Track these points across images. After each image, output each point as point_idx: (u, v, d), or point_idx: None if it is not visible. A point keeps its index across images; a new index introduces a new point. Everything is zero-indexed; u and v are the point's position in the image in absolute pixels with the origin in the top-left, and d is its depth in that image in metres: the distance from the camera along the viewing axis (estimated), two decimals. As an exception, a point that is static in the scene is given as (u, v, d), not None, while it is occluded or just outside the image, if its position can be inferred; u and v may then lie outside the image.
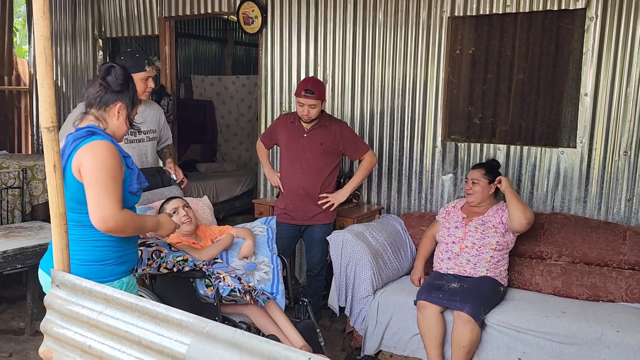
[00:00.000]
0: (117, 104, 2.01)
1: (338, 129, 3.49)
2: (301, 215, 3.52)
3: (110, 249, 1.94)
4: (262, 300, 2.66)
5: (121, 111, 2.02)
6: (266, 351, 1.24)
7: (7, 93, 7.00)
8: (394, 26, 3.95)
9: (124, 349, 1.52)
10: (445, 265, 3.21)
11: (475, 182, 3.26)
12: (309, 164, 3.47)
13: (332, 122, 3.52)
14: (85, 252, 1.90)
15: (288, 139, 3.53)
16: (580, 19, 3.37)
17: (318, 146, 3.45)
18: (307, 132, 3.46)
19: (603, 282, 3.12)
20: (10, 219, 4.56)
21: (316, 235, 3.54)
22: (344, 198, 3.54)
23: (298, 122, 3.48)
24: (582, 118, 3.41)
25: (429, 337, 2.93)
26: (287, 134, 3.53)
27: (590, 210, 3.45)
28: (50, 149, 1.60)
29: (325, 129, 3.47)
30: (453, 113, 3.88)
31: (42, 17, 1.54)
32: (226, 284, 2.53)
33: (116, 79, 2.00)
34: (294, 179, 3.50)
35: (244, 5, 4.51)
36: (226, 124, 7.47)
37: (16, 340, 3.48)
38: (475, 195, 3.26)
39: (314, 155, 3.46)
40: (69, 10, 6.07)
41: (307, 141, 3.46)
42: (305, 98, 3.31)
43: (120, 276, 1.98)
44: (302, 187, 3.48)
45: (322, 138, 3.45)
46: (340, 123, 3.59)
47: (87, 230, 1.88)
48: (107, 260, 1.93)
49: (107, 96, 2.00)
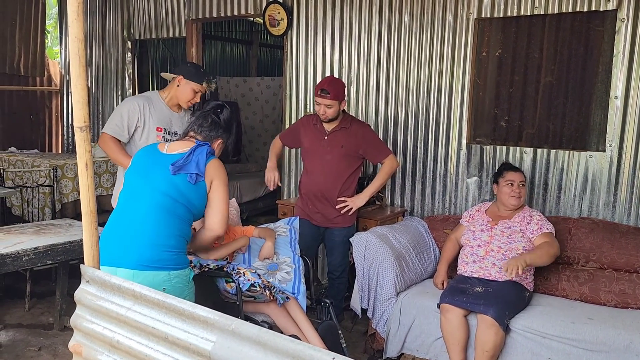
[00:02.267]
0: (219, 140, 2.41)
1: (360, 131, 3.46)
2: (320, 218, 3.50)
3: (184, 240, 2.25)
4: (281, 298, 2.68)
5: (219, 146, 2.42)
6: (290, 350, 1.25)
7: (39, 93, 7.18)
8: (419, 28, 3.94)
9: (151, 344, 1.55)
10: (470, 268, 3.18)
11: (523, 185, 3.23)
12: (329, 166, 3.43)
13: (353, 123, 3.48)
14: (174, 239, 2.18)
15: (310, 140, 3.51)
16: (611, 21, 3.31)
17: (338, 148, 3.41)
18: (328, 134, 3.43)
19: (632, 289, 3.05)
20: (40, 216, 4.68)
21: (336, 238, 3.52)
22: (362, 203, 3.50)
23: (320, 124, 3.45)
24: (612, 121, 3.35)
25: (452, 340, 2.91)
26: (309, 135, 3.51)
27: (620, 215, 3.38)
28: (83, 148, 1.64)
29: (347, 131, 3.43)
30: (479, 115, 3.84)
31: (77, 19, 1.58)
32: (246, 278, 2.57)
33: (225, 118, 2.42)
34: (314, 181, 3.48)
35: (270, 7, 4.55)
36: (250, 125, 7.54)
37: (45, 334, 3.56)
38: (522, 198, 3.22)
39: (334, 158, 3.42)
40: (99, 13, 6.20)
41: (328, 143, 3.43)
42: (322, 98, 3.29)
43: (189, 264, 2.28)
44: (321, 189, 3.46)
45: (343, 140, 3.42)
46: (363, 125, 3.55)
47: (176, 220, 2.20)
48: (182, 249, 2.23)
49: (216, 131, 2.38)
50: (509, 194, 3.20)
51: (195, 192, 2.21)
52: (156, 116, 3.15)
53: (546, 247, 3.03)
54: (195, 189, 2.20)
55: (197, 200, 2.23)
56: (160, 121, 3.15)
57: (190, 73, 3.18)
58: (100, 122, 6.29)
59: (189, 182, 2.18)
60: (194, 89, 3.15)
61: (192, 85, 3.15)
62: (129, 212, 2.21)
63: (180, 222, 2.21)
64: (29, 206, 4.71)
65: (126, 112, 3.12)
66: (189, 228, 2.27)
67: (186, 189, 2.19)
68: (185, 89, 3.16)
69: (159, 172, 2.23)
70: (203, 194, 2.23)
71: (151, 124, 3.13)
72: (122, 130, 3.11)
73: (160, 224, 2.16)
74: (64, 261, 3.41)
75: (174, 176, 2.19)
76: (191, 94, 3.17)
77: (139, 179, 2.26)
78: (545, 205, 3.60)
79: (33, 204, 4.69)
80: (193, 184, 2.18)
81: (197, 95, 3.20)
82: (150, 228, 2.15)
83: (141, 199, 2.21)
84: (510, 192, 3.20)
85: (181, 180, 2.19)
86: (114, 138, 3.10)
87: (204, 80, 3.17)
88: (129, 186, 2.28)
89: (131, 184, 2.28)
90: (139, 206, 2.20)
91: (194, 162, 2.20)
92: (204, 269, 2.58)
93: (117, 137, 3.10)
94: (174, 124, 3.25)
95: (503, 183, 3.24)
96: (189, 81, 3.14)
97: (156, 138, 3.16)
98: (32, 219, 4.63)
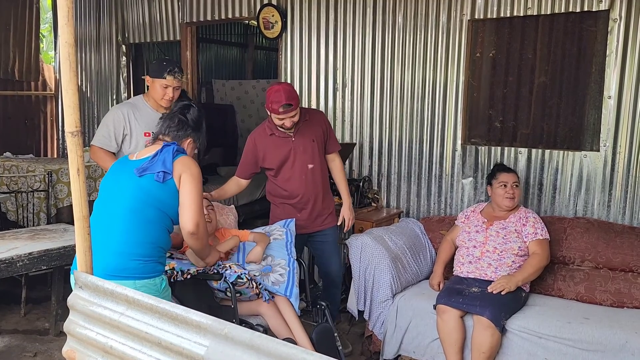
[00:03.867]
0: (188, 139, 2.36)
1: (320, 118, 3.26)
2: (311, 223, 3.26)
3: (155, 247, 2.16)
4: (267, 295, 2.69)
5: (189, 145, 2.37)
6: (284, 354, 1.25)
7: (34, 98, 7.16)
8: (413, 30, 3.95)
9: (144, 349, 1.54)
10: (466, 269, 3.18)
11: (517, 185, 3.23)
12: (310, 167, 3.18)
13: (311, 114, 3.25)
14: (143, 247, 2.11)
15: (277, 152, 3.14)
16: (604, 21, 3.32)
17: (311, 143, 3.15)
18: (295, 135, 3.14)
19: (628, 288, 3.06)
20: (35, 222, 4.66)
21: (329, 239, 3.33)
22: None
23: (278, 131, 3.13)
24: (606, 121, 3.35)
25: (448, 341, 2.91)
26: (273, 148, 3.15)
27: (614, 215, 3.39)
28: (75, 153, 1.63)
29: (309, 122, 3.17)
30: (473, 116, 3.85)
31: (67, 24, 1.58)
32: (232, 270, 2.58)
33: (193, 117, 2.38)
34: (299, 188, 3.18)
35: (264, 10, 4.55)
36: (247, 128, 7.53)
37: (41, 340, 3.55)
38: (516, 199, 3.22)
39: (311, 155, 3.16)
40: (93, 17, 6.19)
41: (299, 143, 3.14)
42: (286, 113, 2.97)
43: (160, 273, 2.18)
44: (311, 193, 3.20)
45: (311, 133, 3.16)
46: (318, 112, 3.40)
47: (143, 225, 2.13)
48: (151, 256, 2.14)
49: (183, 131, 2.34)
50: (502, 196, 3.21)
51: (165, 191, 2.13)
52: (143, 121, 3.12)
53: (537, 262, 3.06)
54: (165, 187, 2.12)
55: (169, 199, 2.14)
56: (147, 126, 3.07)
57: (153, 70, 3.11)
58: (95, 126, 6.27)
59: (156, 181, 2.10)
60: (161, 85, 3.07)
61: (158, 81, 3.07)
62: (99, 220, 2.16)
63: (153, 227, 2.14)
64: (24, 211, 4.69)
65: (111, 122, 3.10)
66: (163, 234, 2.19)
67: (154, 189, 2.12)
68: (154, 87, 3.11)
69: (126, 177, 2.17)
70: (174, 192, 2.14)
71: (138, 130, 3.08)
72: (109, 141, 3.10)
73: (128, 231, 2.10)
74: (59, 266, 3.40)
75: (141, 178, 2.13)
76: (161, 91, 3.08)
77: (108, 188, 2.22)
78: (541, 205, 3.61)
79: (28, 209, 4.67)
80: (161, 182, 2.10)
81: (169, 90, 3.08)
82: (117, 236, 2.10)
83: (110, 207, 2.16)
84: (504, 194, 3.20)
85: (148, 180, 2.12)
86: (103, 149, 3.09)
87: (165, 73, 3.05)
88: (100, 195, 2.25)
89: (101, 193, 2.24)
90: (107, 214, 2.15)
91: (160, 161, 2.13)
92: (185, 276, 2.57)
93: (105, 148, 3.09)
94: None
95: (496, 185, 3.25)
96: (154, 79, 3.09)
97: (145, 143, 3.13)
98: (27, 224, 4.61)
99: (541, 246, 3.10)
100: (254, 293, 2.66)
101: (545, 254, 3.09)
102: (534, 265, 3.04)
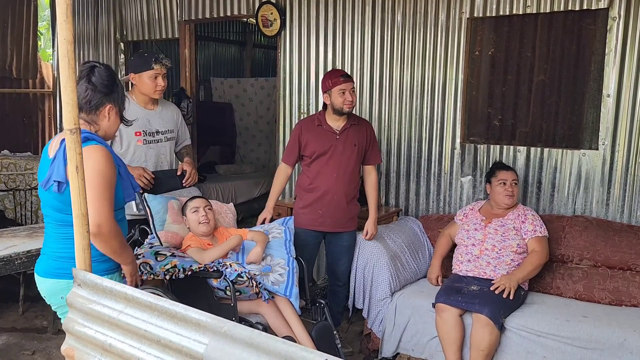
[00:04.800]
0: (106, 106, 2.01)
1: (368, 128, 3.32)
2: (331, 223, 3.26)
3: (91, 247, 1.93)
4: (266, 294, 2.69)
5: (111, 112, 2.03)
6: (283, 351, 1.25)
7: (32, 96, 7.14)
8: (412, 28, 3.94)
9: (143, 347, 1.53)
10: (465, 267, 3.18)
11: (516, 183, 3.23)
12: (344, 167, 3.21)
13: (360, 120, 3.34)
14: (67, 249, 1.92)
15: (319, 143, 3.21)
16: (603, 19, 3.32)
17: (352, 147, 3.21)
18: (340, 133, 3.20)
19: (626, 286, 3.06)
20: (34, 220, 4.66)
21: (345, 242, 3.34)
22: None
23: (326, 124, 3.22)
24: (605, 120, 3.36)
25: (447, 340, 2.91)
26: (317, 138, 3.22)
27: (613, 213, 3.39)
28: (73, 150, 1.62)
29: (357, 127, 3.24)
30: (472, 115, 3.85)
31: (65, 21, 1.57)
32: (233, 269, 2.57)
33: (101, 80, 1.98)
34: (327, 185, 3.22)
35: (263, 8, 4.54)
36: (245, 126, 7.52)
37: (39, 338, 3.54)
38: (515, 197, 3.22)
39: (348, 158, 3.21)
40: (91, 14, 6.17)
41: (341, 143, 3.20)
42: (346, 83, 3.10)
43: (112, 271, 2.04)
44: (337, 192, 3.22)
45: (355, 138, 3.22)
46: (368, 122, 3.43)
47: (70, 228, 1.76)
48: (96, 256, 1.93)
49: (95, 100, 1.98)
50: (502, 194, 3.21)
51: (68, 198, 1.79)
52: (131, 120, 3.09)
53: (536, 259, 3.06)
54: (65, 195, 1.85)
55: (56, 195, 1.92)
56: (136, 125, 3.01)
57: (136, 65, 3.08)
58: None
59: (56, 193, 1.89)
60: (150, 77, 3.05)
61: (146, 74, 3.04)
62: None
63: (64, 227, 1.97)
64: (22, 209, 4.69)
65: None
66: None
67: (60, 200, 1.91)
68: (142, 82, 3.08)
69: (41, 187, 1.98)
70: None
71: (128, 131, 3.02)
72: None
73: (57, 236, 1.99)
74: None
75: (46, 192, 1.94)
76: (151, 83, 3.06)
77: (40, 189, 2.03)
78: (539, 203, 3.61)
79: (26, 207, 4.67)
80: (60, 193, 1.89)
81: (159, 80, 3.07)
82: (52, 239, 2.03)
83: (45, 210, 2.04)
84: (503, 192, 3.20)
85: (51, 194, 1.92)
86: None
87: (152, 63, 3.03)
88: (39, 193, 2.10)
89: None
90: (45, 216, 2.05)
91: (55, 168, 1.89)
92: (187, 273, 2.57)
93: None
94: (153, 122, 3.18)
95: (495, 183, 3.25)
96: (140, 73, 3.06)
97: (137, 143, 3.11)
98: (25, 222, 4.61)
99: (540, 243, 3.10)
100: (254, 292, 2.66)
101: (544, 251, 3.09)
102: (533, 263, 3.05)
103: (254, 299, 2.72)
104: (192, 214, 2.88)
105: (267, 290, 2.73)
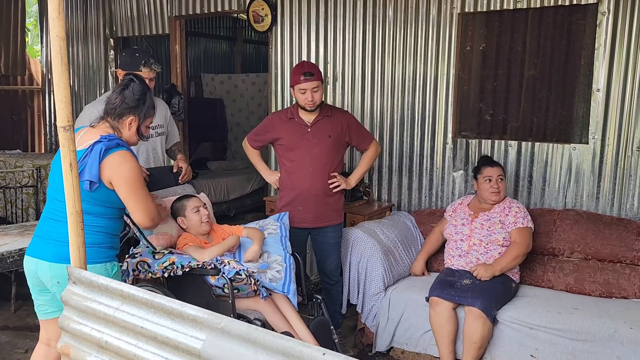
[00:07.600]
0: (129, 117, 2.24)
1: (343, 118, 3.25)
2: (312, 218, 3.23)
3: (107, 235, 2.20)
4: (264, 291, 2.69)
5: (132, 123, 2.25)
6: (281, 347, 1.25)
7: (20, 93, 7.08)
8: (403, 23, 3.95)
9: (140, 344, 1.53)
10: (457, 262, 3.21)
11: (502, 179, 3.25)
12: (318, 160, 3.17)
13: (334, 111, 3.27)
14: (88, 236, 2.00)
15: (290, 136, 3.19)
16: (592, 14, 3.34)
17: (326, 139, 3.16)
18: (311, 126, 3.16)
19: (616, 278, 3.10)
20: (24, 218, 4.62)
21: (330, 240, 3.30)
22: (353, 184, 3.30)
23: (298, 117, 3.17)
24: (595, 114, 3.39)
25: (441, 333, 2.93)
26: (288, 132, 3.19)
27: (603, 207, 3.43)
28: (67, 147, 1.62)
29: (330, 119, 3.19)
30: (464, 109, 3.87)
31: (58, 17, 1.56)
32: (231, 266, 2.57)
33: (133, 94, 2.23)
34: (304, 179, 3.19)
35: (254, 3, 4.53)
36: (236, 122, 7.50)
37: (32, 336, 3.52)
38: (502, 193, 3.24)
39: (323, 150, 3.17)
40: (80, 10, 6.12)
41: (313, 135, 3.16)
42: (307, 82, 3.01)
43: (112, 259, 2.23)
44: (314, 186, 3.19)
45: (329, 130, 3.17)
46: (343, 111, 3.39)
47: (92, 217, 2.11)
48: (103, 243, 2.18)
49: (122, 109, 2.22)
50: (487, 190, 3.23)
51: (98, 195, 2.11)
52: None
53: (514, 250, 3.08)
54: (96, 193, 2.10)
55: (105, 198, 2.13)
56: None
57: (126, 63, 3.02)
58: (83, 121, 6.21)
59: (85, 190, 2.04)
60: None
61: None
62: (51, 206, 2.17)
63: (96, 218, 2.14)
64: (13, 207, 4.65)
65: (87, 120, 3.04)
66: (111, 221, 2.20)
67: (86, 194, 2.05)
68: None
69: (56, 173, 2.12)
70: (107, 193, 2.13)
71: None
72: None
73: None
74: (49, 262, 3.37)
75: None
76: None
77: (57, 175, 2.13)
78: (530, 197, 3.64)
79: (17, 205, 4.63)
80: (90, 191, 2.07)
81: None
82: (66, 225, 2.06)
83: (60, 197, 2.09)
84: (489, 188, 3.22)
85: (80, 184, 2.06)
86: None
87: (139, 66, 2.97)
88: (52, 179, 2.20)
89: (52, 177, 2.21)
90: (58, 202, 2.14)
91: (87, 166, 2.06)
92: (185, 269, 2.57)
93: None
94: None
95: (482, 179, 3.26)
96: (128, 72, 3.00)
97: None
98: (15, 220, 4.57)
99: (521, 234, 3.12)
100: (252, 290, 2.66)
101: (525, 242, 3.11)
102: (511, 254, 3.07)
103: (252, 296, 2.71)
104: (194, 214, 2.86)
105: (265, 287, 2.73)
